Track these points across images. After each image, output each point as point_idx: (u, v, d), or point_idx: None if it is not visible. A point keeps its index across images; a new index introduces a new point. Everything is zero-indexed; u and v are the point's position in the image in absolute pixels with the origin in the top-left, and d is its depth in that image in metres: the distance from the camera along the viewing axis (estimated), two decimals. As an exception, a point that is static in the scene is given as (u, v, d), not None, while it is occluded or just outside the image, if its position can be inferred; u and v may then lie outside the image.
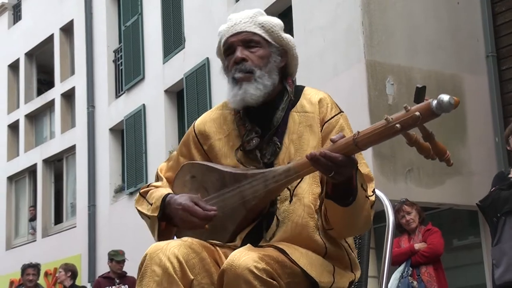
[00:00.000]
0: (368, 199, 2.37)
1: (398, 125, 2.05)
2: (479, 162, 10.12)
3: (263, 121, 2.52)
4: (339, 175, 2.20)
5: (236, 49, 2.52)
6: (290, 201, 2.44)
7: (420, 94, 2.06)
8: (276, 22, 2.59)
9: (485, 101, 10.38)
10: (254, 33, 2.54)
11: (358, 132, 2.15)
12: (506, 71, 10.38)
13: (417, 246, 6.96)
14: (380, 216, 2.74)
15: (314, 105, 2.52)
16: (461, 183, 9.90)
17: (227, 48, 2.56)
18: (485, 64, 10.49)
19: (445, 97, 1.98)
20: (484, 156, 10.17)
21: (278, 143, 2.48)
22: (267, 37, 2.55)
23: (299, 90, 2.59)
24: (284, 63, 2.58)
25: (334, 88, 9.81)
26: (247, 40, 2.53)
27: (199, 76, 13.62)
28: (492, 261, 5.46)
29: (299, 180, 2.43)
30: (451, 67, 10.29)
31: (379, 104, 9.58)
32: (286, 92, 2.56)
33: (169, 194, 2.53)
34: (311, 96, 2.55)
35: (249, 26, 2.54)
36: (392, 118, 2.06)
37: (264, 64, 2.51)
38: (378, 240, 8.50)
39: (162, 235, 2.53)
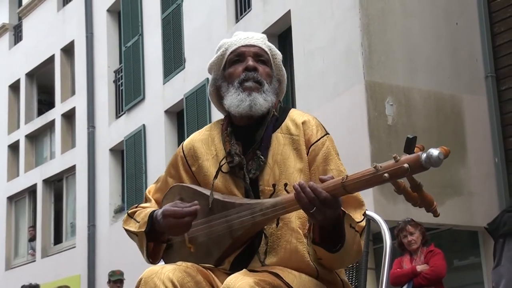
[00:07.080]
0: (358, 232, 2.33)
1: (386, 175, 2.05)
2: (479, 182, 10.11)
3: (248, 139, 2.51)
4: (319, 213, 2.18)
5: (246, 58, 2.54)
6: (277, 225, 2.43)
7: (410, 144, 2.07)
8: (279, 52, 2.64)
9: (485, 122, 10.39)
10: (265, 51, 2.58)
11: (347, 176, 2.15)
12: (506, 92, 10.40)
13: (419, 268, 6.85)
14: (380, 237, 2.73)
15: (299, 127, 2.51)
16: (461, 203, 9.88)
17: (236, 56, 2.56)
18: (484, 85, 10.51)
19: (434, 152, 1.97)
20: (483, 176, 10.16)
21: (262, 157, 2.46)
22: (271, 61, 2.59)
23: (285, 111, 2.58)
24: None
25: (333, 109, 9.84)
26: (259, 54, 2.55)
27: (199, 96, 13.64)
28: (492, 283, 5.46)
29: None
30: (450, 88, 10.31)
31: (379, 124, 9.60)
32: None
33: (155, 210, 2.52)
34: (295, 117, 2.54)
35: (262, 43, 2.58)
36: (381, 167, 2.06)
37: (269, 81, 2.54)
38: (377, 260, 8.48)
39: (151, 255, 2.54)
